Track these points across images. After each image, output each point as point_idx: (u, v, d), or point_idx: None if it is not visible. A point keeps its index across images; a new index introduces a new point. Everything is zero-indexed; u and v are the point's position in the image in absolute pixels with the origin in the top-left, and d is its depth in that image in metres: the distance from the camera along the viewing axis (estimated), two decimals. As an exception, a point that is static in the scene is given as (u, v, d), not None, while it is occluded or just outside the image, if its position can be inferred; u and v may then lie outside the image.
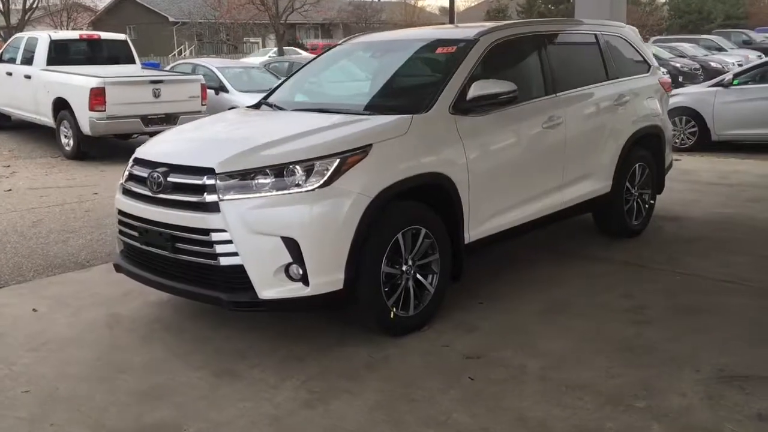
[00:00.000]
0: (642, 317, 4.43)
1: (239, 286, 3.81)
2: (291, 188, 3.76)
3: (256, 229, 3.72)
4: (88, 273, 5.68)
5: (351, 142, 3.95)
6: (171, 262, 4.03)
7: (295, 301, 3.80)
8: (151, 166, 4.12)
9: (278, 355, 4.01)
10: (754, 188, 8.13)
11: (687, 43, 28.77)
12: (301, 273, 3.75)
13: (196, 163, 3.94)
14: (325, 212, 3.75)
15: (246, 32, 41.48)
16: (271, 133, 4.25)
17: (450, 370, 3.78)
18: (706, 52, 27.81)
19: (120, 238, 4.45)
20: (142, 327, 4.48)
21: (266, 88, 14.49)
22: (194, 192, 3.89)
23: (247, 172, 3.81)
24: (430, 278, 4.29)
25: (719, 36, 31.98)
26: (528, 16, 55.55)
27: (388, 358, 3.94)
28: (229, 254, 3.77)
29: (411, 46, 5.29)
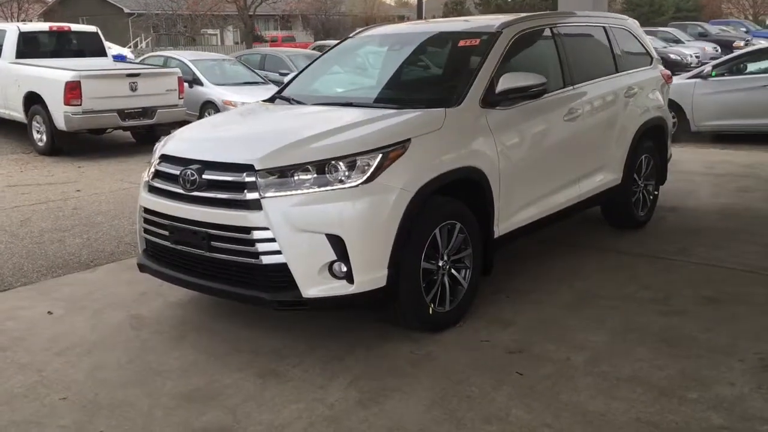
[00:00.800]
0: (669, 308, 4.47)
1: (282, 284, 3.73)
2: (334, 184, 3.69)
3: (300, 226, 3.64)
4: (95, 273, 5.51)
5: (391, 136, 3.89)
6: (206, 261, 3.92)
7: (340, 299, 3.74)
8: (182, 163, 4.00)
9: (317, 354, 3.94)
10: (741, 178, 8.30)
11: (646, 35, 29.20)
12: (345, 271, 3.69)
13: (234, 160, 3.84)
14: (369, 209, 3.69)
15: (204, 24, 40.83)
16: (304, 128, 4.17)
17: (496, 366, 3.76)
18: (664, 44, 28.32)
19: (145, 236, 4.32)
20: (169, 328, 4.36)
21: (242, 80, 14.39)
22: (233, 189, 3.79)
23: (288, 168, 3.73)
24: (464, 273, 4.27)
25: (676, 28, 32.58)
26: (485, 8, 55.92)
27: (430, 354, 3.91)
28: (272, 252, 3.68)
29: (430, 38, 5.24)
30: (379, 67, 5.33)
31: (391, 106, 4.47)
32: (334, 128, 4.04)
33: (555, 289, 4.83)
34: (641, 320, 4.30)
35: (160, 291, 4.94)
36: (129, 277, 5.34)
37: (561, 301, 4.62)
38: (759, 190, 7.69)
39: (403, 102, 4.54)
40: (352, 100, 4.77)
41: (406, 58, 5.21)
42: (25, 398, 3.57)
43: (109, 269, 5.59)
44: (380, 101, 4.65)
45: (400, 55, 5.24)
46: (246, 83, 14.33)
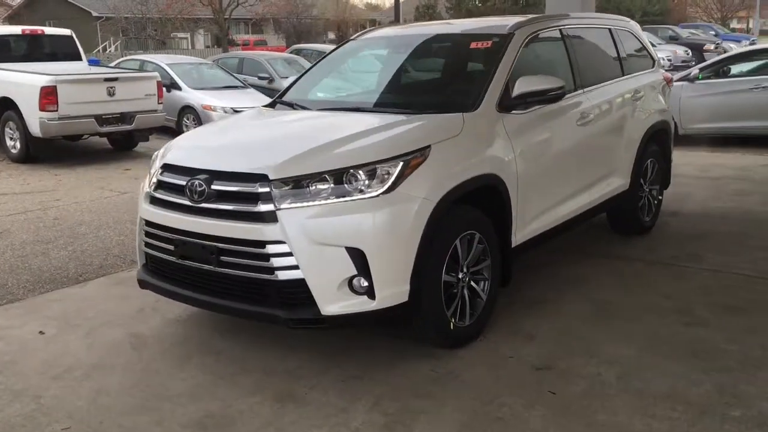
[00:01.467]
0: (692, 318, 4.33)
1: (298, 301, 3.51)
2: (354, 195, 3.48)
3: (319, 239, 3.43)
4: (86, 288, 5.23)
5: (411, 143, 3.70)
6: (215, 277, 3.69)
7: (360, 316, 3.53)
8: (188, 173, 3.76)
9: (333, 373, 3.73)
10: (737, 181, 8.25)
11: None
12: (366, 285, 3.48)
13: (246, 169, 3.61)
14: (391, 220, 3.49)
15: (175, 27, 40.27)
16: (316, 135, 3.95)
17: (525, 384, 3.58)
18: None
19: (145, 251, 4.06)
20: (172, 347, 4.11)
21: (221, 84, 14.10)
22: (245, 201, 3.57)
23: (304, 178, 3.52)
24: (482, 285, 4.08)
25: (647, 32, 32.87)
26: (456, 12, 55.97)
27: (453, 372, 3.72)
28: (288, 267, 3.46)
29: (438, 40, 5.05)
30: (385, 71, 5.12)
31: (403, 111, 4.28)
32: (350, 135, 3.83)
33: (572, 299, 4.67)
34: (665, 332, 4.15)
35: (157, 307, 4.69)
36: (122, 292, 5.08)
37: (580, 312, 4.46)
38: (756, 193, 7.64)
39: (416, 107, 4.36)
40: (360, 105, 4.57)
41: (415, 61, 5.02)
42: (24, 428, 3.31)
43: (100, 284, 5.31)
44: (391, 106, 4.46)
45: (408, 57, 5.04)
46: (225, 87, 14.06)
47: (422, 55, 5.02)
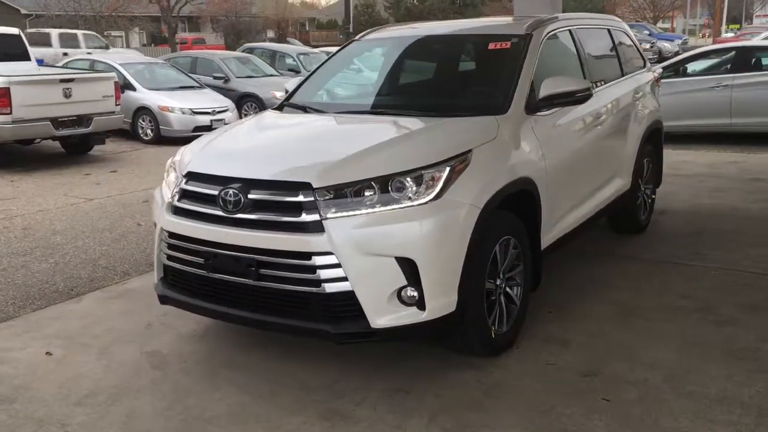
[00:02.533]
0: (717, 318, 4.35)
1: (347, 315, 3.36)
2: (402, 202, 3.35)
3: (369, 249, 3.28)
4: (82, 303, 4.93)
5: (454, 147, 3.58)
6: (253, 292, 3.50)
7: (411, 328, 3.40)
8: (219, 182, 3.55)
9: (377, 387, 3.59)
10: (711, 178, 8.42)
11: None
12: (416, 296, 3.35)
13: (287, 177, 3.44)
14: (441, 228, 3.37)
15: (109, 25, 39.02)
16: (350, 140, 3.82)
17: (576, 392, 3.51)
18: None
19: (168, 264, 3.83)
20: (196, 366, 3.89)
21: (176, 85, 13.70)
22: (287, 210, 3.39)
23: (349, 185, 3.36)
24: (516, 291, 4.01)
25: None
26: (395, 11, 56.10)
27: (500, 383, 3.62)
28: (336, 279, 3.30)
29: (452, 41, 4.94)
30: (400, 72, 4.97)
31: (431, 114, 4.16)
32: (389, 140, 3.70)
33: (593, 301, 4.64)
34: (695, 332, 4.16)
35: (166, 322, 4.47)
36: (123, 306, 4.82)
37: (605, 315, 4.43)
38: (734, 190, 7.80)
39: (443, 110, 4.23)
40: (381, 107, 4.43)
41: (431, 62, 4.90)
42: (59, 461, 3.06)
43: (96, 298, 5.02)
44: (415, 109, 4.32)
45: (423, 59, 4.92)
46: (181, 87, 13.68)
47: (438, 57, 4.90)
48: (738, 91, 10.51)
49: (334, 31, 56.79)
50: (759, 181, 8.26)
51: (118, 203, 8.15)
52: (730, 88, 10.62)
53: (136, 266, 5.74)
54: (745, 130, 10.67)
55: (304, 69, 17.59)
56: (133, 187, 9.17)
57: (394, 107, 4.43)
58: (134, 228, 6.98)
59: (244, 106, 14.89)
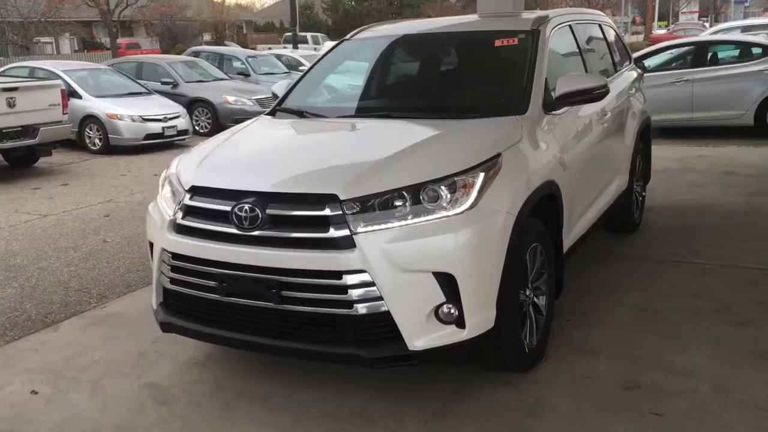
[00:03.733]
0: (736, 318, 4.23)
1: (381, 337, 3.08)
2: (437, 212, 3.09)
3: (404, 265, 3.01)
4: (60, 332, 4.51)
5: (484, 151, 3.34)
6: (275, 316, 3.18)
7: (450, 348, 3.14)
8: (231, 197, 3.23)
9: (410, 412, 3.32)
10: (684, 173, 8.42)
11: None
12: (455, 314, 3.10)
13: (309, 189, 3.14)
14: (479, 239, 3.12)
15: (39, 31, 37.52)
16: (372, 147, 3.54)
17: (622, 407, 3.31)
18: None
19: (171, 288, 3.47)
20: (205, 398, 3.55)
21: (123, 91, 13.11)
22: (312, 226, 3.09)
23: (379, 196, 3.08)
24: (541, 300, 3.79)
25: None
26: (333, 13, 55.71)
27: (540, 401, 3.39)
28: (370, 299, 3.02)
29: (454, 39, 4.69)
30: (401, 73, 4.70)
31: (444, 116, 3.91)
32: (412, 145, 3.43)
33: (606, 306, 4.47)
34: (719, 334, 4.02)
35: (160, 349, 4.11)
36: (106, 333, 4.43)
37: (624, 320, 4.26)
38: (710, 184, 7.81)
39: (458, 111, 3.99)
40: (390, 110, 4.15)
41: (433, 61, 4.64)
42: None
43: (75, 325, 4.61)
44: (427, 111, 4.07)
45: (423, 58, 4.65)
46: (129, 94, 13.11)
47: (441, 55, 4.65)
48: (698, 85, 10.60)
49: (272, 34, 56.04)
50: (732, 174, 8.29)
51: (77, 218, 7.65)
52: (691, 83, 10.71)
53: (111, 288, 5.32)
54: (706, 123, 10.76)
55: (254, 72, 17.15)
56: (88, 200, 8.65)
57: (402, 110, 4.16)
58: (100, 245, 6.53)
59: (195, 111, 14.38)
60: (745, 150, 9.91)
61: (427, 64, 4.61)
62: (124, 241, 6.64)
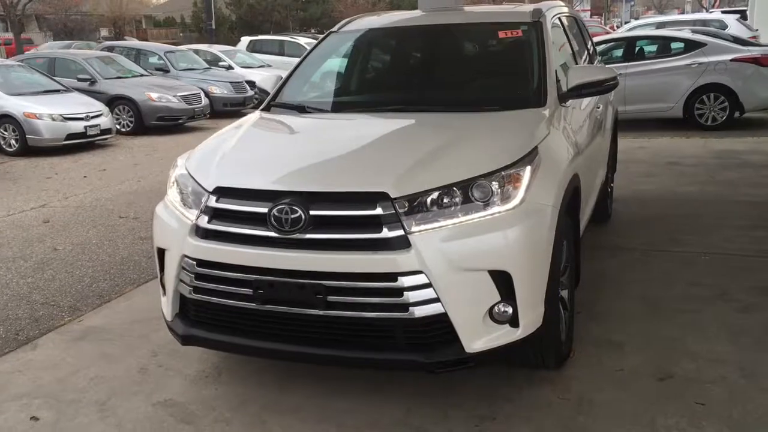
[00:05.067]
0: (740, 304, 4.31)
1: (437, 340, 2.94)
2: (488, 208, 2.97)
3: (461, 265, 2.88)
4: (41, 350, 4.13)
5: (524, 144, 3.25)
6: (319, 323, 2.99)
7: (505, 349, 3.02)
8: (267, 198, 3.00)
9: (458, 417, 3.19)
10: (631, 163, 8.62)
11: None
12: (509, 313, 2.99)
13: (357, 188, 2.95)
14: (532, 234, 3.03)
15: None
16: (407, 142, 3.38)
17: (664, 398, 3.29)
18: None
19: (195, 298, 3.20)
20: (233, 414, 3.30)
21: (39, 89, 12.37)
22: (362, 227, 2.91)
23: (429, 193, 2.94)
24: (566, 293, 3.74)
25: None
26: (237, 8, 54.44)
27: (584, 397, 3.33)
28: (426, 301, 2.87)
29: (455, 30, 4.55)
30: (405, 66, 4.50)
31: (465, 109, 3.80)
32: (450, 139, 3.30)
33: (612, 297, 4.49)
34: (731, 321, 4.08)
35: (162, 363, 3.83)
36: (94, 349, 4.10)
37: (634, 311, 4.27)
38: (660, 174, 8.06)
39: (476, 104, 3.87)
40: (406, 104, 3.97)
41: (440, 53, 4.48)
42: None
43: (56, 342, 4.23)
44: (445, 104, 3.94)
45: (428, 50, 4.48)
46: (45, 92, 12.38)
47: (446, 47, 4.50)
48: (630, 80, 10.90)
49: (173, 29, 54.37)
50: (676, 164, 8.57)
51: (14, 226, 7.11)
52: (623, 77, 10.97)
53: (82, 299, 4.94)
54: (639, 116, 11.09)
55: (173, 68, 16.53)
56: (19, 206, 8.07)
57: (417, 103, 4.00)
58: (51, 254, 6.07)
59: (116, 109, 13.70)
60: (678, 141, 10.30)
61: (432, 56, 4.46)
62: (78, 249, 6.19)
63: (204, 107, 14.63)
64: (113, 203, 8.05)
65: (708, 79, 10.79)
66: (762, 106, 11.02)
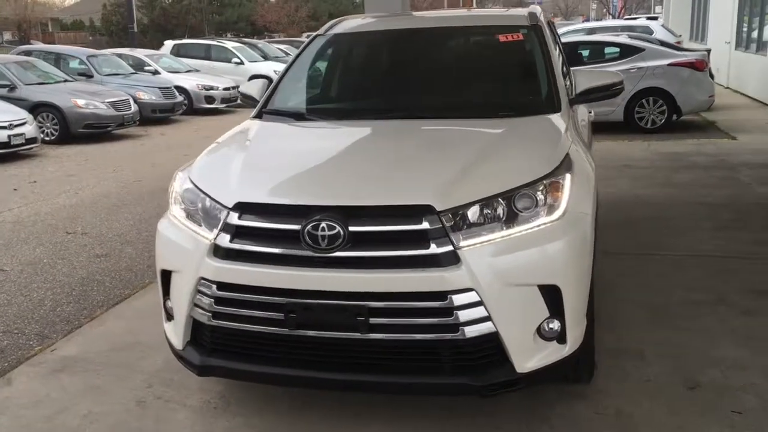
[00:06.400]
0: (739, 308, 4.31)
1: (486, 361, 2.77)
2: (534, 219, 2.83)
3: (512, 280, 2.72)
4: (17, 385, 3.74)
5: (558, 151, 3.13)
6: (361, 348, 2.76)
7: (552, 368, 2.88)
8: (298, 213, 2.75)
9: (497, 440, 3.04)
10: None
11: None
12: (557, 329, 2.85)
13: (400, 201, 2.75)
14: (577, 245, 2.90)
15: None
16: (438, 151, 3.19)
17: (701, 409, 3.22)
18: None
19: (215, 324, 2.92)
20: (257, 449, 3.04)
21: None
22: (408, 242, 2.70)
23: (472, 205, 2.77)
24: (585, 304, 3.64)
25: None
26: (149, 11, 52.86)
27: (621, 411, 3.22)
28: (477, 320, 2.70)
29: (451, 34, 4.38)
30: (407, 70, 4.25)
31: (479, 115, 3.65)
32: (484, 147, 3.13)
33: (614, 305, 4.41)
34: (735, 324, 4.09)
35: (160, 395, 3.54)
36: (78, 382, 3.74)
37: (639, 318, 4.22)
38: (617, 177, 8.15)
39: (491, 110, 3.71)
40: (415, 111, 3.77)
41: (442, 57, 4.27)
42: None
43: (31, 376, 3.83)
44: (457, 110, 3.77)
45: (428, 54, 4.26)
46: (-37, 100, 11.51)
47: (447, 51, 4.33)
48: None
49: (81, 33, 52.39)
50: (630, 167, 8.70)
51: (-52, 245, 6.53)
52: (566, 80, 11.14)
53: (48, 325, 4.53)
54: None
55: (97, 73, 15.79)
56: (-53, 223, 7.44)
57: (429, 109, 3.80)
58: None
59: (39, 117, 12.92)
60: (623, 144, 10.48)
61: (436, 60, 4.26)
62: (29, 269, 5.72)
63: (134, 114, 14.00)
64: (54, 218, 7.53)
65: (647, 83, 11.05)
66: (698, 109, 11.38)
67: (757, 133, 10.92)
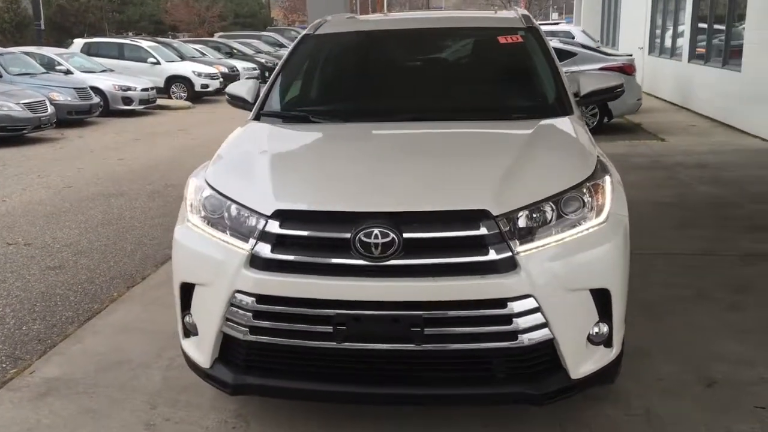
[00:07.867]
0: (723, 303, 4.47)
1: (541, 368, 2.71)
2: (584, 222, 2.80)
3: (568, 285, 2.68)
4: (1, 413, 3.40)
5: (592, 153, 3.12)
6: (415, 360, 2.65)
7: (602, 373, 2.85)
8: (347, 220, 2.61)
9: (538, 448, 2.99)
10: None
11: (253, 39, 30.01)
12: (604, 333, 2.84)
13: (456, 206, 2.65)
14: (623, 247, 2.90)
15: None
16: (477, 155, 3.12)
17: (724, 406, 3.28)
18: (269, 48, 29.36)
19: (252, 340, 2.73)
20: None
21: None
22: (465, 249, 2.61)
23: (525, 209, 2.70)
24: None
25: (276, 33, 33.92)
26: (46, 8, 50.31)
27: (649, 411, 3.25)
28: (536, 327, 2.64)
29: (448, 36, 4.30)
30: (411, 72, 4.13)
31: (493, 116, 3.60)
32: (522, 151, 3.06)
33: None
34: (725, 319, 4.23)
35: (170, 416, 3.32)
36: (70, 407, 3.47)
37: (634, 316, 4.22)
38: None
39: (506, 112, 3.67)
40: (427, 113, 3.66)
41: (445, 59, 4.19)
42: None
43: (14, 402, 3.51)
44: (471, 112, 3.69)
45: (430, 55, 4.17)
46: None
47: (449, 53, 4.24)
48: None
49: (-29, 30, 49.32)
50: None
51: None
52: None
53: (18, 345, 4.19)
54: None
55: (6, 72, 14.87)
56: None
57: (446, 111, 3.70)
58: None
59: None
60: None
61: (441, 62, 4.17)
62: (-20, 284, 5.28)
63: (50, 115, 13.25)
64: (-14, 228, 7.00)
65: (579, 86, 11.31)
66: (627, 112, 11.76)
67: (683, 135, 11.40)
